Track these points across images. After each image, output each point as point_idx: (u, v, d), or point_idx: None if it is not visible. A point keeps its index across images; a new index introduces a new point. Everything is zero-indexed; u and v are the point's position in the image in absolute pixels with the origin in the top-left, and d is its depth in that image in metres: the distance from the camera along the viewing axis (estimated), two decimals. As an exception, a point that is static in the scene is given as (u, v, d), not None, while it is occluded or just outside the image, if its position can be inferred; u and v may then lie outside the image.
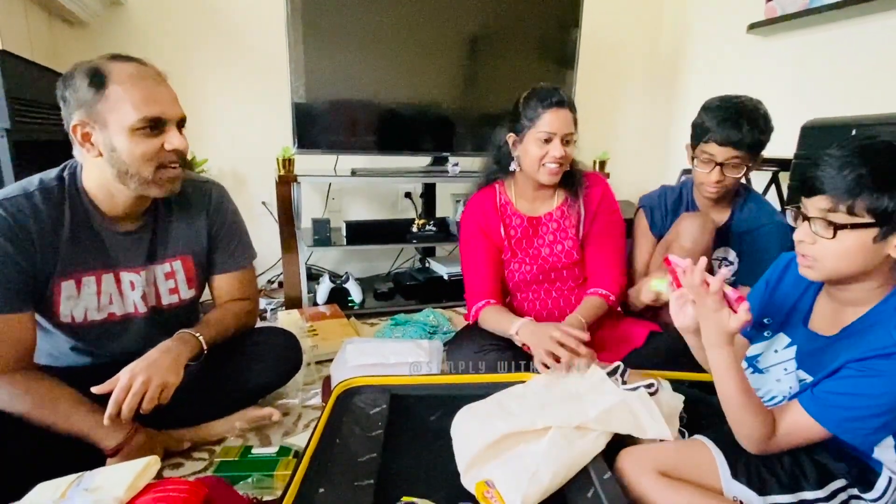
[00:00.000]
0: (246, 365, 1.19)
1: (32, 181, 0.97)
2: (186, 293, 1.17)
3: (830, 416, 0.73)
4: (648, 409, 0.89)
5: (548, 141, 1.29)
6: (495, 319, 1.32)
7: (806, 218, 0.75)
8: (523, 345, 1.22)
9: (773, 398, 0.87)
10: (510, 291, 1.45)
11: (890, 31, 1.86)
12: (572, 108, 1.32)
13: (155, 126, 0.94)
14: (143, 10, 2.09)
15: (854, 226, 0.70)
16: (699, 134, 1.31)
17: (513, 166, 1.39)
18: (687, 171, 2.40)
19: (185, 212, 1.13)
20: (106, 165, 0.94)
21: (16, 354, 0.93)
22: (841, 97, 2.03)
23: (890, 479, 0.77)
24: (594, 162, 2.55)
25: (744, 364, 0.95)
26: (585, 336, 1.14)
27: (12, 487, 0.79)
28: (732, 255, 1.42)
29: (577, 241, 1.40)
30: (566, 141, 1.30)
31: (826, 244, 0.73)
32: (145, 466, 0.79)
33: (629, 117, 2.99)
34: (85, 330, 1.04)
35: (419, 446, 1.03)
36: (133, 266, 1.07)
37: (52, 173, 0.99)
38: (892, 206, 0.68)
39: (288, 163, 2.01)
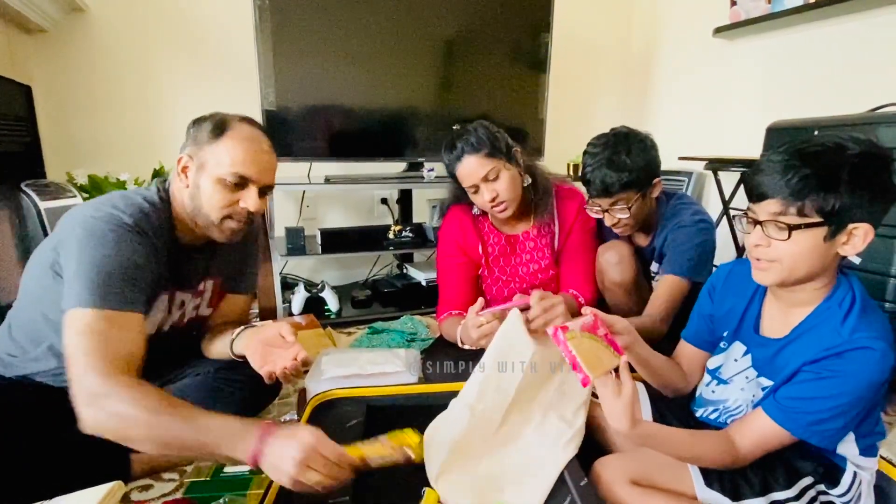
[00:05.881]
0: (222, 393, 1.16)
1: (136, 198, 0.99)
2: (204, 311, 1.20)
3: (796, 422, 0.74)
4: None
5: (476, 189, 1.28)
6: (451, 330, 1.31)
7: (757, 222, 0.76)
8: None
9: (738, 407, 0.88)
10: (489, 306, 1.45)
11: (849, 35, 1.93)
12: (480, 147, 1.26)
13: (240, 184, 1.01)
14: (106, 17, 2.04)
15: (807, 226, 0.72)
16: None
17: (476, 210, 1.41)
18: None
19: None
20: (188, 198, 1.02)
21: (131, 356, 0.87)
22: (804, 99, 2.09)
23: (854, 474, 0.79)
24: (568, 165, 2.57)
25: (707, 377, 0.96)
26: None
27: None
28: (658, 268, 1.41)
29: (553, 258, 1.40)
30: (494, 178, 1.27)
31: (781, 246, 0.74)
32: (109, 492, 0.76)
33: (602, 120, 3.01)
34: None
35: (396, 458, 1.02)
36: (188, 287, 1.12)
37: (151, 192, 1.03)
38: (839, 205, 0.70)
39: (260, 171, 1.97)
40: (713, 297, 0.97)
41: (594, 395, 1.01)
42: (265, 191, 1.07)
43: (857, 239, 0.72)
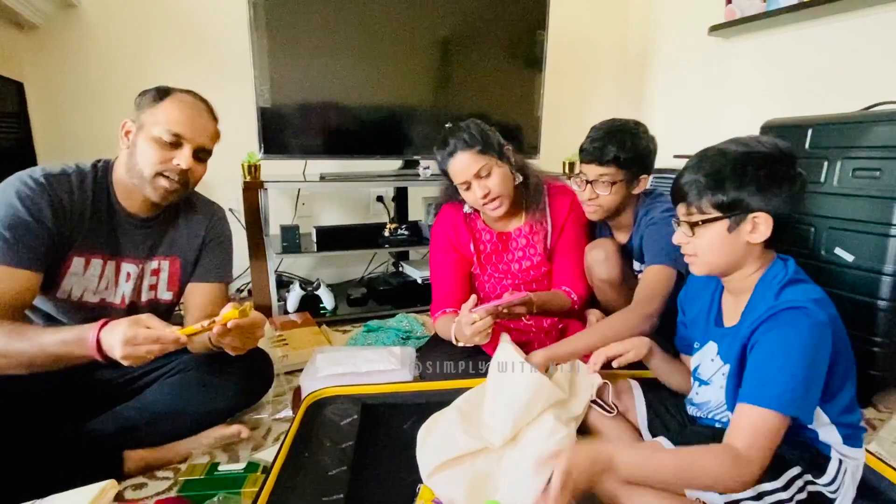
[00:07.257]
0: (215, 385, 1.15)
1: (71, 165, 1.07)
2: (164, 294, 1.19)
3: (765, 395, 0.72)
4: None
5: (468, 185, 1.28)
6: (445, 328, 1.30)
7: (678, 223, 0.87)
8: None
9: (720, 406, 0.89)
10: (482, 303, 1.45)
11: (843, 33, 1.93)
12: (472, 143, 1.26)
13: (174, 143, 1.05)
14: (98, 12, 2.02)
15: (705, 221, 0.82)
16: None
17: (467, 209, 1.41)
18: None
19: (190, 217, 1.21)
20: (126, 158, 1.07)
21: (7, 307, 0.94)
22: (799, 98, 2.09)
23: (840, 462, 0.79)
24: (564, 163, 2.57)
25: (692, 380, 0.98)
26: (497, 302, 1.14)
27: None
28: (639, 266, 1.41)
29: (545, 255, 1.40)
30: (486, 174, 1.26)
31: (696, 242, 0.84)
32: (101, 491, 0.75)
33: (598, 118, 2.99)
34: (74, 309, 1.08)
35: (391, 456, 1.02)
36: (134, 258, 1.14)
37: (87, 163, 1.10)
38: (728, 199, 0.80)
39: (254, 169, 1.97)
40: (684, 308, 1.04)
41: (593, 401, 1.02)
42: (201, 154, 1.10)
43: (761, 226, 0.79)
